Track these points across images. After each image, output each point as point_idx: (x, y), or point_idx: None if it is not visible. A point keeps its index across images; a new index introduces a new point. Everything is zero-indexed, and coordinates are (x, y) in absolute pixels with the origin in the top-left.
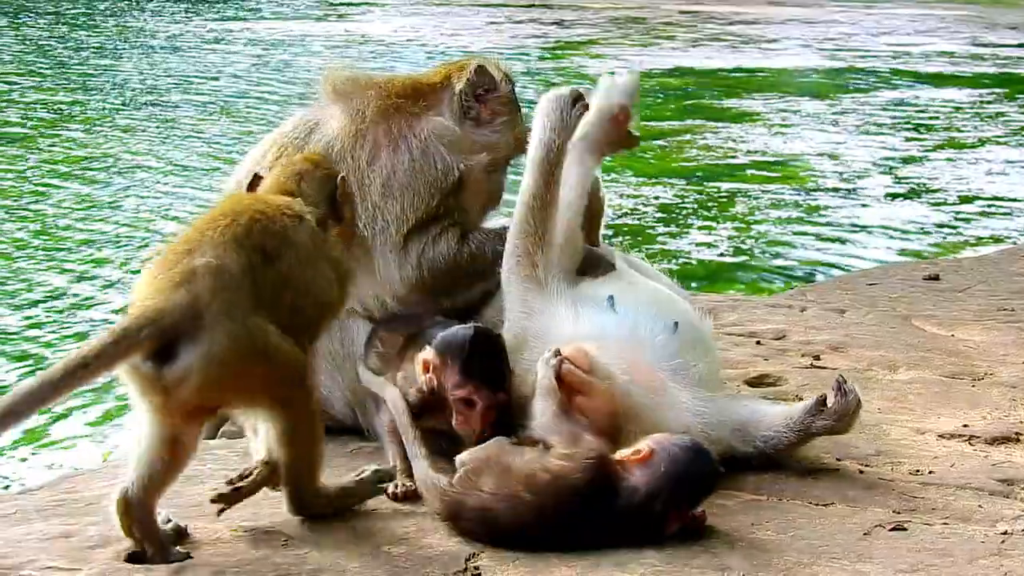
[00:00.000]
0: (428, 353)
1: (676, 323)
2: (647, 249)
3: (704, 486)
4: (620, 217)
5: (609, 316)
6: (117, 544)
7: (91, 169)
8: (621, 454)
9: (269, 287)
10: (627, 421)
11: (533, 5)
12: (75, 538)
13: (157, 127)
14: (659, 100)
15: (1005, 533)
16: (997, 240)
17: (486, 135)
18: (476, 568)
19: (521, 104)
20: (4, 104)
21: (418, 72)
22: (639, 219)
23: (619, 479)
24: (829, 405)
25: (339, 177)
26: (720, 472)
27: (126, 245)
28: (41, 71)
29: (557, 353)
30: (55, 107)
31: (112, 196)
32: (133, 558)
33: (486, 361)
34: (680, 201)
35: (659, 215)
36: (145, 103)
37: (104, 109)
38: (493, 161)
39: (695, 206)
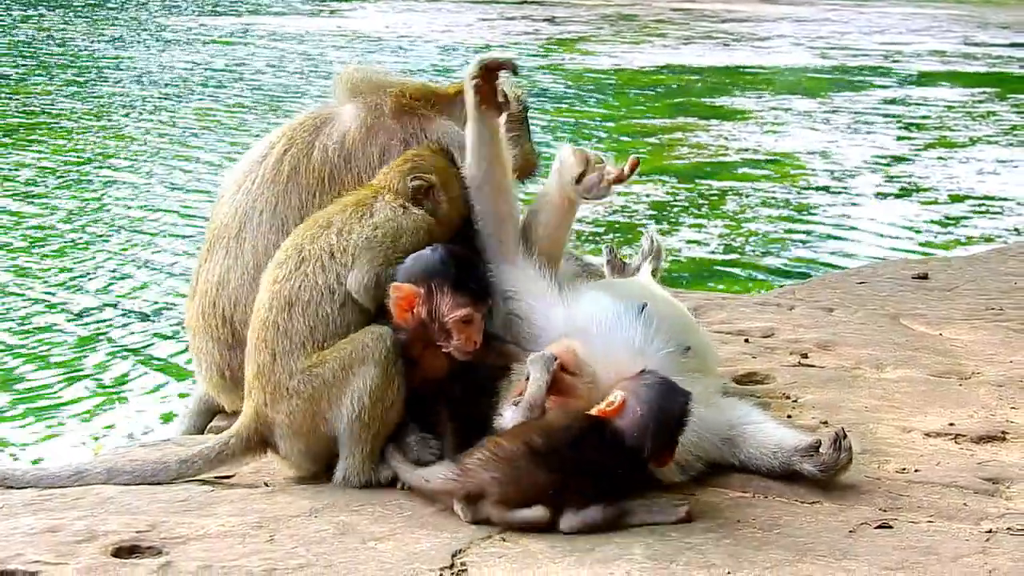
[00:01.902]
0: (406, 288)
1: (688, 347)
2: (638, 247)
3: (681, 418)
4: (611, 215)
5: (629, 321)
6: (104, 539)
7: (140, 159)
8: (597, 408)
9: None
10: None
11: (525, 2)
12: (62, 532)
13: (185, 119)
14: (650, 98)
15: (990, 531)
16: (988, 239)
17: None
18: (463, 564)
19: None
20: (28, 96)
21: (419, 74)
22: (630, 217)
23: (606, 429)
24: (821, 451)
25: (410, 178)
26: (691, 399)
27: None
28: (57, 63)
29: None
30: (82, 99)
31: (166, 188)
32: (120, 552)
33: (473, 274)
34: (671, 199)
35: (650, 213)
36: (162, 96)
37: (131, 102)
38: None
39: (686, 204)
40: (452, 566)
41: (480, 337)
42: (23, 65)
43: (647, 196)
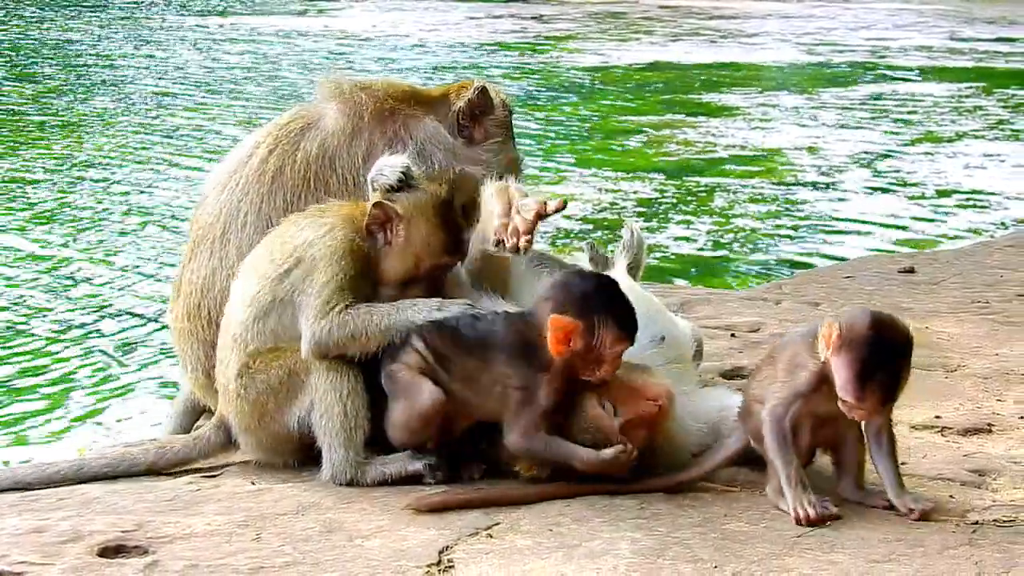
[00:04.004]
0: (567, 321)
1: (663, 337)
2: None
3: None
4: (599, 212)
5: None
6: (89, 538)
7: (174, 157)
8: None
9: None
10: None
11: (513, 0)
12: (47, 533)
13: (199, 117)
14: (638, 95)
15: (976, 523)
16: (976, 233)
17: (477, 154)
18: (450, 561)
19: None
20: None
21: (407, 73)
22: (618, 213)
23: None
24: None
25: (374, 204)
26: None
27: None
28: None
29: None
30: (107, 97)
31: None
32: (106, 552)
33: (628, 305)
34: (659, 195)
35: (638, 209)
36: (169, 95)
37: (146, 102)
38: (482, 179)
39: (674, 200)
40: (439, 563)
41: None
42: (38, 66)
43: (635, 193)
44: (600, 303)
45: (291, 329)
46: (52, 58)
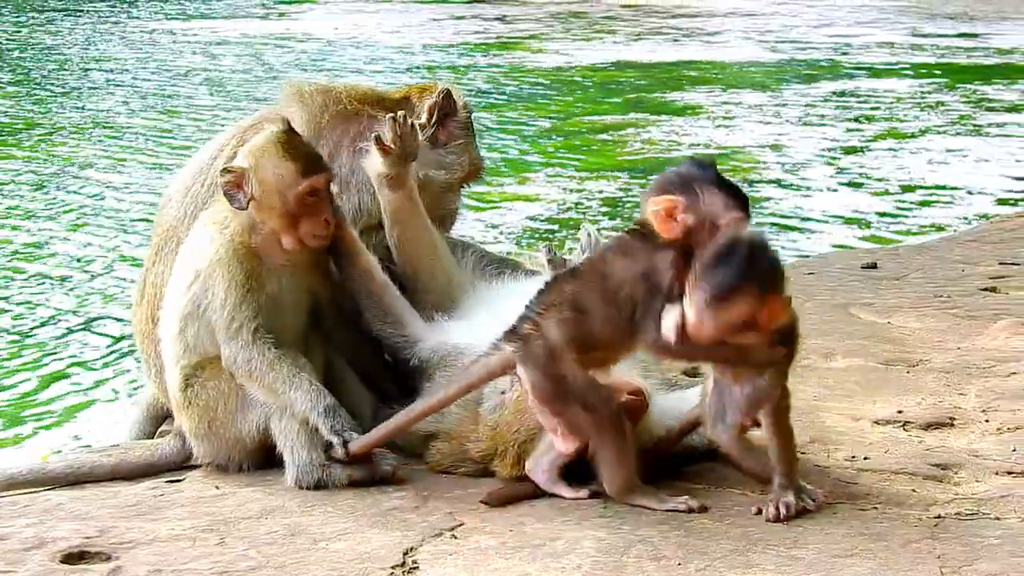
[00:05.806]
0: (664, 198)
1: None
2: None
3: None
4: (564, 211)
5: None
6: (52, 545)
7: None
8: None
9: None
10: None
11: (475, 1)
12: (10, 540)
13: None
14: (602, 94)
15: (939, 517)
16: (939, 228)
17: (441, 155)
18: (414, 562)
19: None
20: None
21: (371, 76)
22: (583, 213)
23: None
24: None
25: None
26: None
27: None
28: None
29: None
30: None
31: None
32: (69, 559)
33: (732, 183)
34: (624, 195)
35: (603, 209)
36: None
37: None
38: (447, 181)
39: (638, 199)
40: (404, 564)
41: None
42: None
43: (600, 192)
44: (697, 175)
45: (205, 342)
46: (21, 64)
